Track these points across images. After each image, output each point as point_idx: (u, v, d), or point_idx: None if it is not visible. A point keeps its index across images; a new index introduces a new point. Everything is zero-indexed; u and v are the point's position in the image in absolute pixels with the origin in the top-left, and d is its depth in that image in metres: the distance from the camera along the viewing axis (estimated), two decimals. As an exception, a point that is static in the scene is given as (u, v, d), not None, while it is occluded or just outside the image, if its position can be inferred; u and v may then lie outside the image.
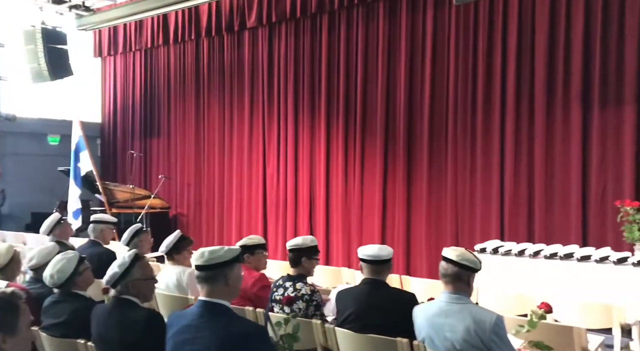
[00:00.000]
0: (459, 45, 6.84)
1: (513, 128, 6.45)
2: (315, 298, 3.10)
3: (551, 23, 6.18)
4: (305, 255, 3.22)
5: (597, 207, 5.90)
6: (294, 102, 8.40)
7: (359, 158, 7.76)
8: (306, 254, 3.23)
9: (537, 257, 5.65)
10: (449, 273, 2.61)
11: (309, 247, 3.25)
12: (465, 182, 6.83)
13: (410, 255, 7.27)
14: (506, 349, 2.44)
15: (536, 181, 6.30)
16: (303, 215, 8.31)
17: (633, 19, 5.67)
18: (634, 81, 5.67)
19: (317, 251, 3.32)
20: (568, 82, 6.08)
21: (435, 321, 2.58)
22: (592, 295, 4.87)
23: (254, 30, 8.78)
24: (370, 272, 3.01)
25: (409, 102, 7.29)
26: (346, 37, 7.81)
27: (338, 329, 2.94)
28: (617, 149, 5.80)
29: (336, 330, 2.94)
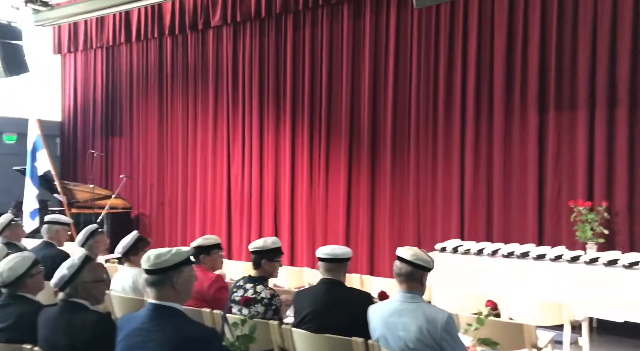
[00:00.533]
0: (421, 48, 6.95)
1: (473, 130, 6.59)
2: (275, 303, 3.09)
3: (509, 28, 6.34)
4: (266, 258, 3.20)
5: (553, 207, 6.08)
6: (258, 102, 8.37)
7: (323, 158, 7.79)
8: (267, 257, 3.21)
9: (495, 256, 5.79)
10: (403, 272, 2.65)
11: (270, 249, 3.23)
12: (427, 183, 6.94)
13: (374, 254, 7.34)
14: (457, 347, 2.49)
15: (495, 182, 6.45)
16: (268, 215, 8.28)
17: (586, 26, 5.86)
18: (586, 86, 5.87)
19: (279, 253, 3.29)
20: (525, 85, 6.25)
21: (389, 320, 2.61)
22: (546, 292, 5.03)
23: (219, 29, 8.71)
24: (328, 272, 3.02)
25: (372, 103, 7.36)
26: (311, 38, 7.83)
27: (295, 330, 2.94)
28: (571, 151, 5.99)
29: (293, 331, 2.95)
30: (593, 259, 5.27)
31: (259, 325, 3.01)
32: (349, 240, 7.54)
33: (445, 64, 6.77)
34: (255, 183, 8.40)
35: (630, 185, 5.67)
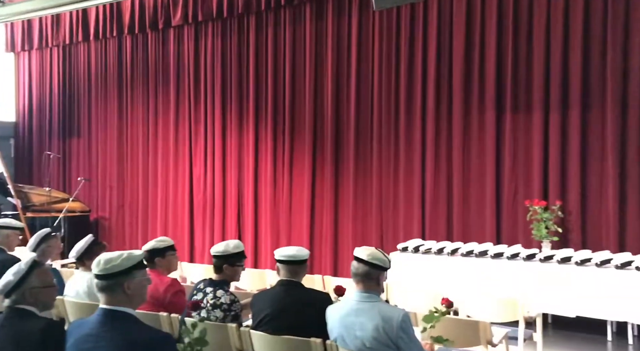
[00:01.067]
0: (382, 50, 7.02)
1: (433, 132, 6.70)
2: (234, 309, 3.05)
3: (467, 31, 6.47)
4: (227, 262, 3.16)
5: (509, 206, 6.24)
6: (221, 103, 8.30)
7: (287, 159, 7.78)
8: (229, 261, 3.16)
9: (454, 255, 5.90)
10: (359, 272, 2.66)
11: (232, 253, 3.18)
12: (389, 184, 7.01)
13: (338, 255, 7.37)
14: (413, 345, 2.52)
15: (454, 182, 6.57)
16: (231, 217, 8.22)
17: (540, 30, 6.04)
18: (541, 89, 6.04)
19: (241, 258, 3.23)
20: (483, 88, 6.39)
21: (346, 320, 2.62)
22: (504, 290, 5.15)
23: (180, 29, 8.60)
24: (286, 273, 3.02)
25: (335, 105, 7.40)
26: (274, 39, 7.82)
27: (253, 332, 2.92)
28: (527, 152, 6.16)
29: (251, 333, 2.93)
30: (547, 257, 5.43)
31: (217, 328, 2.98)
32: (313, 241, 7.56)
33: (406, 66, 6.86)
34: (218, 185, 8.32)
35: (582, 184, 5.86)
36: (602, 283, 5.02)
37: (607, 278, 5.03)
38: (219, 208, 8.29)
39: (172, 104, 8.72)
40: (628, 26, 5.61)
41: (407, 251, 6.16)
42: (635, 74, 5.58)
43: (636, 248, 5.42)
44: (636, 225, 5.57)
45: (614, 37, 5.65)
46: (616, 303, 4.95)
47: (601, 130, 5.78)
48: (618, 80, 5.65)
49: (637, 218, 5.57)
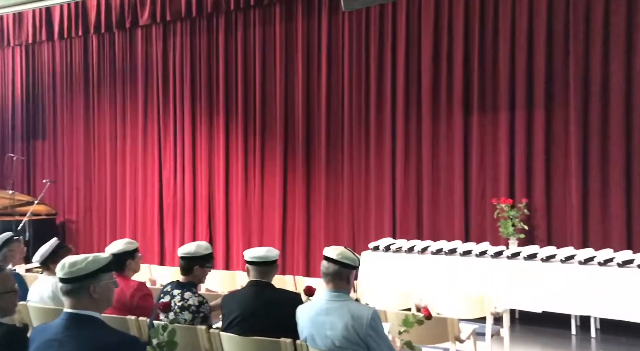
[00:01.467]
0: (352, 51, 7.07)
1: (403, 132, 6.77)
2: (203, 310, 3.03)
3: (435, 32, 6.56)
4: (198, 264, 3.13)
5: (477, 205, 6.35)
6: (190, 103, 8.21)
7: (258, 160, 7.75)
8: (199, 262, 3.14)
9: (424, 253, 5.99)
10: (330, 271, 2.67)
11: (203, 255, 3.16)
12: (360, 184, 7.06)
13: (310, 256, 7.38)
14: (382, 342, 2.54)
15: (424, 182, 6.66)
16: (202, 218, 8.14)
17: (505, 32, 6.17)
18: (507, 89, 6.17)
19: (211, 259, 3.23)
20: (451, 88, 6.49)
21: (316, 319, 2.63)
22: (472, 286, 5.24)
23: (147, 28, 8.47)
24: (256, 274, 3.00)
25: (306, 105, 7.41)
26: (243, 39, 7.78)
27: (223, 334, 2.90)
28: (494, 152, 6.29)
29: (221, 335, 2.91)
30: (514, 254, 5.56)
31: (186, 330, 2.96)
32: (285, 242, 7.55)
33: (375, 67, 6.92)
34: (188, 187, 8.23)
35: (547, 183, 6.01)
36: (567, 279, 5.17)
37: (571, 273, 5.18)
38: (190, 210, 8.20)
39: (141, 105, 8.58)
40: (589, 30, 5.79)
41: (379, 250, 6.22)
42: (597, 75, 5.75)
43: (598, 245, 5.59)
44: (598, 222, 5.75)
45: (576, 40, 5.82)
46: (580, 298, 5.10)
47: (564, 130, 5.94)
48: (580, 81, 5.82)
49: (599, 215, 5.74)
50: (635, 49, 5.59)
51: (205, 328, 2.95)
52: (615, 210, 5.66)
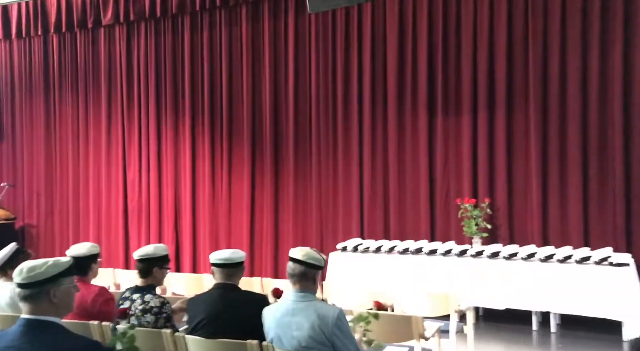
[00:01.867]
0: (319, 53, 7.10)
1: (369, 134, 6.84)
2: (165, 310, 2.99)
3: (400, 35, 6.65)
4: (157, 265, 3.10)
5: (442, 205, 6.47)
6: (155, 104, 8.10)
7: (226, 161, 7.70)
8: (158, 264, 3.11)
9: (391, 253, 6.06)
10: (296, 272, 2.68)
11: (162, 256, 3.14)
12: (328, 185, 7.10)
13: (279, 257, 7.37)
14: (347, 341, 2.57)
15: (391, 182, 6.74)
16: (168, 221, 8.03)
17: (467, 36, 6.30)
18: (469, 92, 6.31)
19: (168, 260, 3.22)
20: (416, 91, 6.59)
21: (282, 320, 2.64)
22: (438, 285, 5.34)
23: (111, 28, 8.31)
24: (222, 276, 2.99)
25: (274, 106, 7.40)
26: (209, 40, 7.72)
27: (188, 337, 2.88)
28: (457, 152, 6.41)
29: (187, 338, 2.88)
30: (478, 252, 5.69)
31: (151, 334, 2.92)
32: (253, 244, 7.52)
33: (342, 69, 6.97)
34: (153, 189, 8.11)
35: (509, 182, 6.17)
36: (528, 276, 5.32)
37: (532, 271, 5.34)
38: (155, 213, 8.08)
39: (104, 106, 8.41)
40: (546, 34, 5.97)
41: (347, 250, 6.27)
42: (554, 78, 5.93)
43: (558, 242, 5.78)
44: (557, 220, 5.93)
45: (535, 43, 5.99)
46: (540, 295, 5.25)
47: (525, 131, 6.10)
48: (539, 84, 5.99)
49: (559, 213, 5.93)
50: (591, 52, 5.79)
51: (170, 331, 2.91)
52: (574, 209, 5.85)
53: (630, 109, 5.66)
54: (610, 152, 5.73)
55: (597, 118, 5.78)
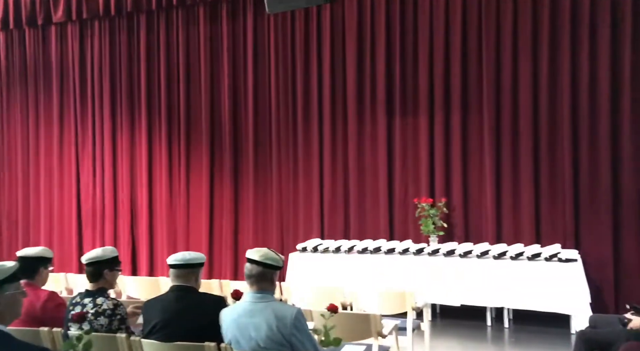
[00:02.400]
0: (278, 53, 7.10)
1: (330, 135, 6.89)
2: (119, 312, 2.93)
3: (359, 37, 6.73)
4: (107, 267, 3.03)
5: (401, 204, 6.58)
6: (110, 105, 7.91)
7: (184, 162, 7.60)
8: (108, 266, 3.03)
9: (351, 252, 6.12)
10: (254, 273, 2.68)
11: (111, 258, 3.06)
12: (288, 186, 7.10)
13: (238, 259, 7.32)
14: (306, 341, 2.58)
15: (350, 183, 6.80)
16: (123, 224, 7.85)
17: (424, 39, 6.43)
18: (426, 94, 6.44)
19: (119, 262, 3.14)
20: (374, 92, 6.68)
21: (240, 321, 2.62)
22: (396, 283, 5.43)
23: (62, 26, 8.08)
24: (178, 279, 2.94)
25: (233, 107, 7.36)
26: (166, 40, 7.61)
27: (144, 340, 2.83)
28: (415, 153, 6.54)
29: (142, 342, 2.83)
30: (435, 250, 5.81)
31: (105, 339, 2.85)
32: (213, 246, 7.45)
33: (302, 71, 6.99)
34: (108, 192, 7.92)
35: (464, 182, 6.33)
36: (482, 273, 5.47)
37: (486, 268, 5.49)
38: (110, 216, 7.89)
39: (56, 106, 8.16)
40: (499, 38, 6.16)
41: (307, 251, 6.28)
42: (507, 82, 6.12)
43: (511, 239, 5.97)
44: (510, 218, 6.12)
45: (488, 48, 6.17)
46: (494, 291, 5.41)
47: (479, 132, 6.28)
48: (492, 87, 6.17)
49: (511, 211, 6.12)
50: (541, 57, 6.01)
51: (126, 335, 2.85)
52: (525, 208, 6.05)
53: (577, 113, 5.90)
54: (560, 154, 5.95)
55: (547, 121, 6.00)
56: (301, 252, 6.33)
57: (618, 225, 5.74)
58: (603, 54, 5.77)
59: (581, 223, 5.87)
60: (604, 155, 5.77)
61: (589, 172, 5.84)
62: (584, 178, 5.86)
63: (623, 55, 5.72)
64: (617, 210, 5.74)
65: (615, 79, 5.76)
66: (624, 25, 5.70)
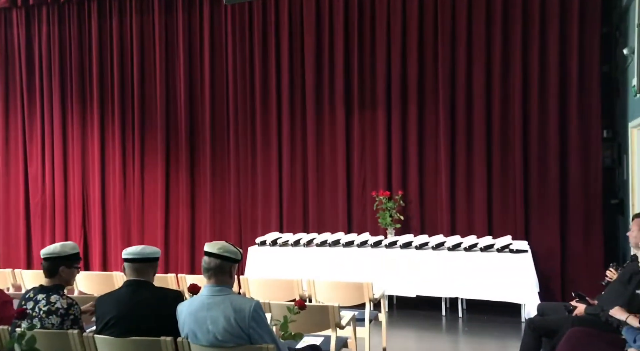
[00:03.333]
0: (236, 46, 7.01)
1: (288, 128, 6.87)
2: (73, 312, 2.83)
3: (317, 30, 6.73)
4: (64, 264, 2.93)
5: (359, 197, 6.65)
6: (60, 95, 7.64)
7: (138, 155, 7.42)
8: (66, 263, 2.93)
9: (310, 246, 6.14)
10: (212, 266, 2.64)
11: (70, 254, 2.95)
12: (247, 180, 7.05)
13: (195, 253, 7.22)
14: (264, 333, 2.57)
15: (309, 176, 6.82)
16: (75, 218, 7.62)
17: (382, 35, 6.49)
18: (384, 88, 6.51)
19: (78, 259, 3.04)
20: (333, 86, 6.71)
21: (198, 315, 2.59)
22: (355, 275, 5.48)
23: (7, 12, 7.72)
24: (133, 273, 2.88)
25: (189, 99, 7.23)
26: (119, 28, 7.41)
27: (97, 336, 2.75)
28: (373, 146, 6.61)
29: (95, 338, 2.75)
30: (392, 243, 5.91)
31: (56, 335, 2.76)
32: (169, 240, 7.33)
33: (260, 62, 6.93)
34: (59, 184, 7.65)
35: (420, 176, 6.46)
36: (437, 265, 5.60)
37: (441, 259, 5.62)
38: (61, 210, 7.63)
39: (0, 96, 7.79)
40: (454, 34, 6.29)
41: (265, 245, 6.26)
42: (461, 78, 6.27)
43: (465, 231, 6.13)
44: (464, 211, 6.29)
45: (444, 45, 6.29)
46: (449, 282, 5.55)
47: (435, 127, 6.41)
48: (448, 83, 6.30)
49: (465, 204, 6.29)
50: (494, 55, 6.18)
51: (78, 331, 2.77)
52: (478, 201, 6.23)
53: (528, 110, 6.10)
54: (511, 149, 6.15)
55: (499, 117, 6.18)
56: (260, 245, 6.30)
57: (565, 218, 5.99)
58: (552, 51, 6.00)
59: (531, 216, 6.10)
60: (553, 151, 6.00)
61: (539, 167, 6.06)
62: (534, 173, 6.08)
63: (571, 52, 5.95)
64: (564, 204, 6.00)
65: (563, 77, 5.99)
66: (572, 24, 5.93)
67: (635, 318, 2.94)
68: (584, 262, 5.87)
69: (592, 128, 5.94)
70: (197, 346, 2.60)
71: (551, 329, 3.49)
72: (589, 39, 5.91)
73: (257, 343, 2.54)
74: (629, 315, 3.02)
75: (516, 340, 4.15)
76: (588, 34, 5.91)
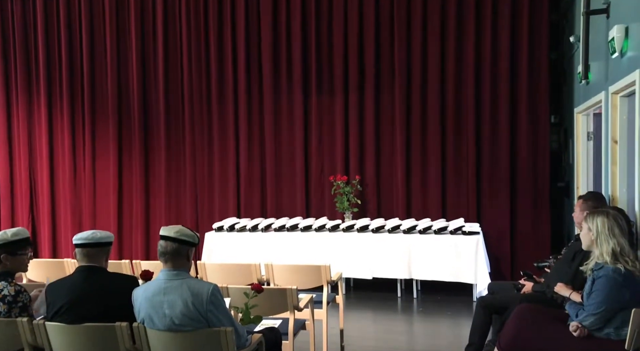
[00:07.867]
0: (190, 29, 6.86)
1: (245, 113, 6.80)
2: (21, 299, 2.74)
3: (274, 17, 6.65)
4: (6, 252, 2.81)
5: (317, 182, 6.67)
6: (3, 76, 7.30)
7: (89, 139, 7.20)
8: (7, 250, 2.81)
9: (268, 231, 6.14)
10: (168, 250, 2.61)
11: (12, 241, 2.83)
12: (203, 165, 6.95)
13: (150, 239, 7.10)
14: (222, 316, 2.57)
15: (267, 161, 6.78)
16: (22, 204, 7.34)
17: (339, 21, 6.48)
18: (341, 73, 6.52)
19: (24, 245, 2.91)
20: (291, 70, 6.67)
21: (154, 300, 2.56)
22: (312, 259, 5.53)
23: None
24: (85, 259, 2.80)
25: (142, 82, 7.05)
26: (67, 8, 7.14)
27: (48, 324, 2.67)
28: (331, 131, 6.63)
29: (46, 325, 2.68)
30: (349, 227, 5.98)
31: (4, 323, 2.67)
32: (122, 226, 7.18)
33: (215, 46, 6.81)
34: (3, 170, 7.33)
35: (377, 160, 6.54)
36: (393, 247, 5.72)
37: (396, 242, 5.74)
38: (6, 196, 7.34)
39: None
40: (410, 22, 6.34)
41: (223, 230, 6.22)
42: (417, 62, 6.35)
43: (419, 215, 6.27)
44: (419, 194, 6.42)
45: (400, 31, 6.34)
46: (404, 264, 5.68)
47: (391, 111, 6.48)
48: (403, 69, 6.37)
49: (420, 188, 6.42)
50: (448, 42, 6.29)
51: (27, 319, 2.68)
52: (432, 185, 6.37)
53: (480, 95, 6.26)
54: (464, 133, 6.30)
55: (453, 104, 6.30)
56: (217, 231, 6.25)
57: (515, 201, 6.21)
58: (503, 38, 6.15)
59: (482, 199, 6.29)
60: (503, 136, 6.19)
61: (490, 152, 6.24)
62: (485, 157, 6.26)
63: (521, 40, 6.12)
64: (514, 187, 6.21)
65: (513, 63, 6.16)
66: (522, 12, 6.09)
67: (577, 294, 3.10)
68: (533, 242, 6.12)
69: (540, 114, 6.15)
70: (153, 331, 2.57)
71: (501, 306, 3.64)
72: (537, 27, 6.09)
73: (215, 326, 2.53)
74: (572, 292, 3.18)
75: (468, 318, 4.30)
76: (537, 21, 6.09)
